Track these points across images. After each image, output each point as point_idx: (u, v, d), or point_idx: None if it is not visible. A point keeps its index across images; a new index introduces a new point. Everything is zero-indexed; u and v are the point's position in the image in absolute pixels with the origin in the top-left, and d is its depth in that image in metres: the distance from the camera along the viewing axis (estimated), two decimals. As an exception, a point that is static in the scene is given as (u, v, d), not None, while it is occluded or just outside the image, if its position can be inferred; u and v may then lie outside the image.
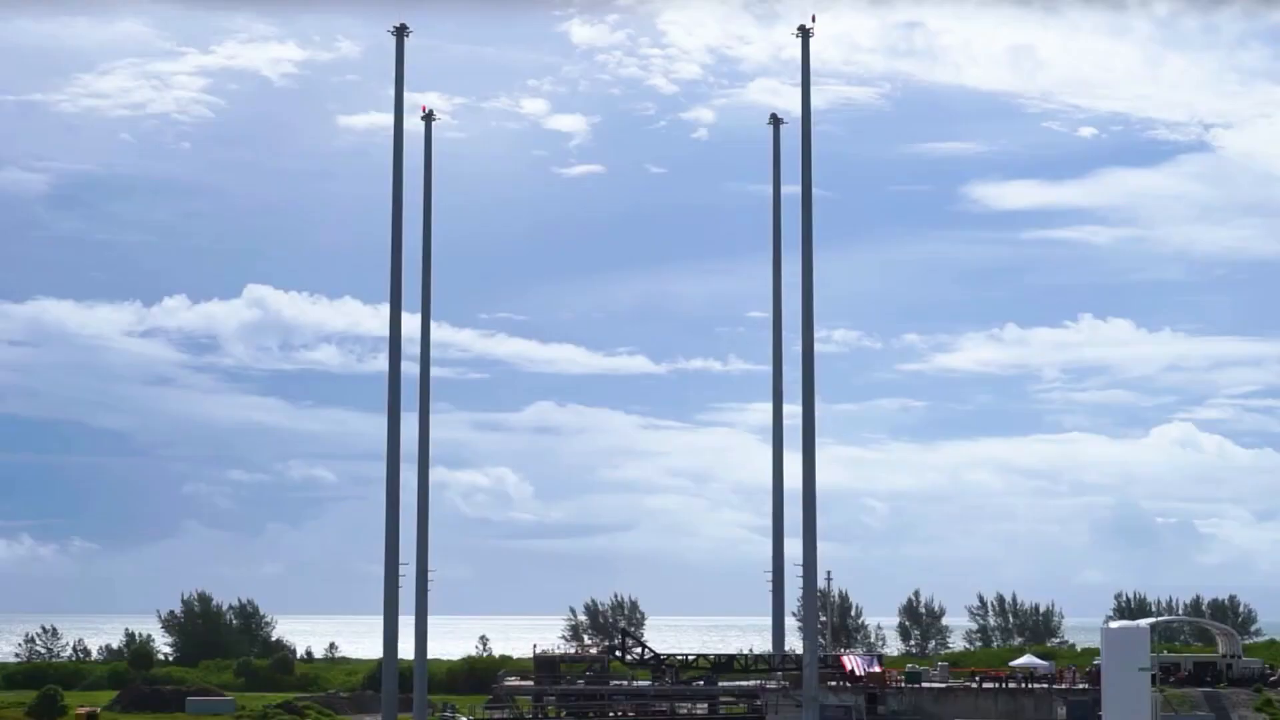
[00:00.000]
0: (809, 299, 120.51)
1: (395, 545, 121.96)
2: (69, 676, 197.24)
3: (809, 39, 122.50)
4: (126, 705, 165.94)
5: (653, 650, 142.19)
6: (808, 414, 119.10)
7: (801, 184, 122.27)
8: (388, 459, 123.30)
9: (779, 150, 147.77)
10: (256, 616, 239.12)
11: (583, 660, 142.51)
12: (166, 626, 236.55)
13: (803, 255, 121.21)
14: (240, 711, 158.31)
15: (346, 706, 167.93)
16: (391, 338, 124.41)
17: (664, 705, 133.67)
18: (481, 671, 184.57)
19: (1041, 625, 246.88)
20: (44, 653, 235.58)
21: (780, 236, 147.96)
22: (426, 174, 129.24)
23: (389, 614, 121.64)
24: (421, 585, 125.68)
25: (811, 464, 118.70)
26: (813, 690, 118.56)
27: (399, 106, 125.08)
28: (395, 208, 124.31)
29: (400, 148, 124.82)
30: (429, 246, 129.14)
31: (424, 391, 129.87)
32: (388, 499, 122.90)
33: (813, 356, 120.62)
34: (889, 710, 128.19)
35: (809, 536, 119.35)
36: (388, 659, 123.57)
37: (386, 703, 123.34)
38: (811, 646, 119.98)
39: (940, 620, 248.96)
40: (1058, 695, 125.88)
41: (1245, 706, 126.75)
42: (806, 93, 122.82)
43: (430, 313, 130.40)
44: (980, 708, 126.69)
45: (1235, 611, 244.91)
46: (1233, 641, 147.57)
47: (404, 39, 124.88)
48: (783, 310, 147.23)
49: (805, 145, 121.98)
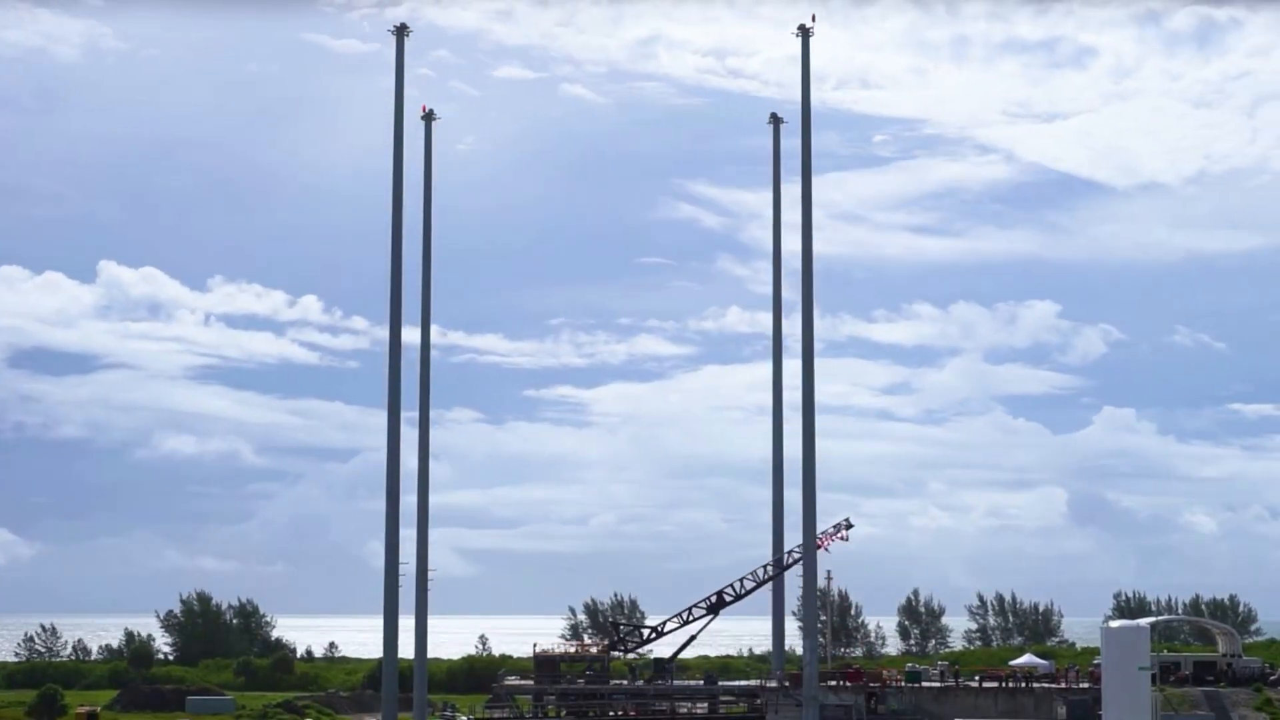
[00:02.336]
0: (809, 299, 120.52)
1: (395, 545, 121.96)
2: (69, 676, 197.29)
3: (809, 39, 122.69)
4: (126, 705, 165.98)
5: (654, 628, 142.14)
6: (808, 415, 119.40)
7: (801, 182, 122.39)
8: (388, 459, 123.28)
9: (779, 150, 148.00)
10: (256, 616, 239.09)
11: (583, 660, 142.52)
12: (166, 626, 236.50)
13: (803, 255, 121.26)
14: (240, 711, 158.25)
15: (346, 706, 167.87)
16: (392, 338, 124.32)
17: (664, 705, 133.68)
18: (481, 671, 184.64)
19: (1041, 625, 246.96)
20: (44, 652, 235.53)
21: (780, 236, 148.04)
22: (426, 174, 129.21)
23: (389, 614, 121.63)
24: (421, 585, 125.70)
25: (811, 465, 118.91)
26: (813, 690, 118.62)
27: (399, 106, 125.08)
28: (395, 208, 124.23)
29: (400, 148, 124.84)
30: (429, 247, 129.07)
31: (424, 391, 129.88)
32: (388, 498, 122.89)
33: (812, 358, 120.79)
34: (889, 709, 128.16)
35: (809, 536, 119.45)
36: (388, 659, 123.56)
37: (386, 703, 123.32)
38: (811, 646, 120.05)
39: (940, 620, 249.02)
40: (1058, 695, 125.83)
41: (1245, 706, 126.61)
42: (806, 93, 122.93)
43: (430, 313, 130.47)
44: (980, 707, 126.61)
45: (1235, 611, 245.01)
46: (1233, 641, 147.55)
47: (404, 39, 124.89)
48: (783, 311, 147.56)
49: (805, 145, 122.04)
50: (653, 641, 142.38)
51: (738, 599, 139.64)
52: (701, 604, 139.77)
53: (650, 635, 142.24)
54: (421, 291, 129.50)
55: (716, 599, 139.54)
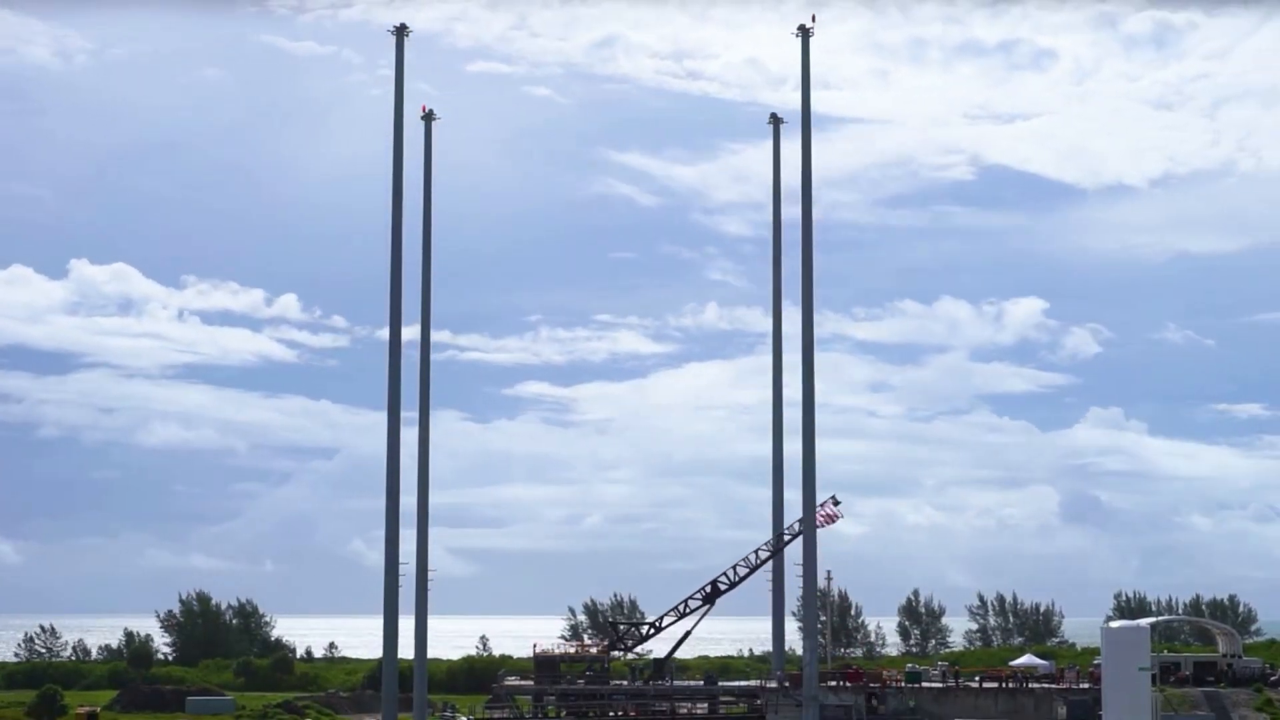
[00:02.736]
0: (809, 299, 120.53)
1: (395, 545, 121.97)
2: (69, 676, 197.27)
3: (809, 39, 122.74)
4: (126, 705, 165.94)
5: (652, 624, 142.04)
6: (807, 415, 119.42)
7: (801, 183, 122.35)
8: (388, 459, 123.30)
9: (779, 149, 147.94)
10: (256, 616, 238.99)
11: (583, 660, 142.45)
12: (166, 626, 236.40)
13: (803, 255, 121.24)
14: (240, 711, 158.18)
15: (346, 706, 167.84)
16: (391, 338, 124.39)
17: (664, 705, 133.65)
18: (481, 671, 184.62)
19: (1042, 625, 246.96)
20: (44, 653, 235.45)
21: (780, 236, 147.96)
22: (426, 173, 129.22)
23: (389, 614, 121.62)
24: (421, 585, 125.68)
25: (811, 464, 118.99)
26: (813, 690, 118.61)
27: (399, 106, 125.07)
28: (395, 208, 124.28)
29: (400, 148, 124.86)
30: (429, 247, 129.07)
31: (424, 391, 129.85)
32: (388, 497, 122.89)
33: (812, 359, 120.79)
34: (890, 709, 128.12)
35: (809, 536, 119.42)
36: (388, 659, 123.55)
37: (386, 703, 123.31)
38: (811, 646, 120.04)
39: (940, 620, 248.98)
40: (1058, 695, 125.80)
41: (1245, 706, 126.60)
42: (806, 93, 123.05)
43: (430, 313, 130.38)
44: (980, 708, 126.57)
45: (1235, 611, 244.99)
46: (1233, 641, 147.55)
47: (404, 39, 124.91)
48: (782, 311, 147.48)
49: (805, 145, 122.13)
50: (652, 638, 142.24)
51: (733, 586, 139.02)
52: (697, 594, 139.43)
53: (649, 632, 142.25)
54: (422, 292, 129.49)
55: (711, 588, 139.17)
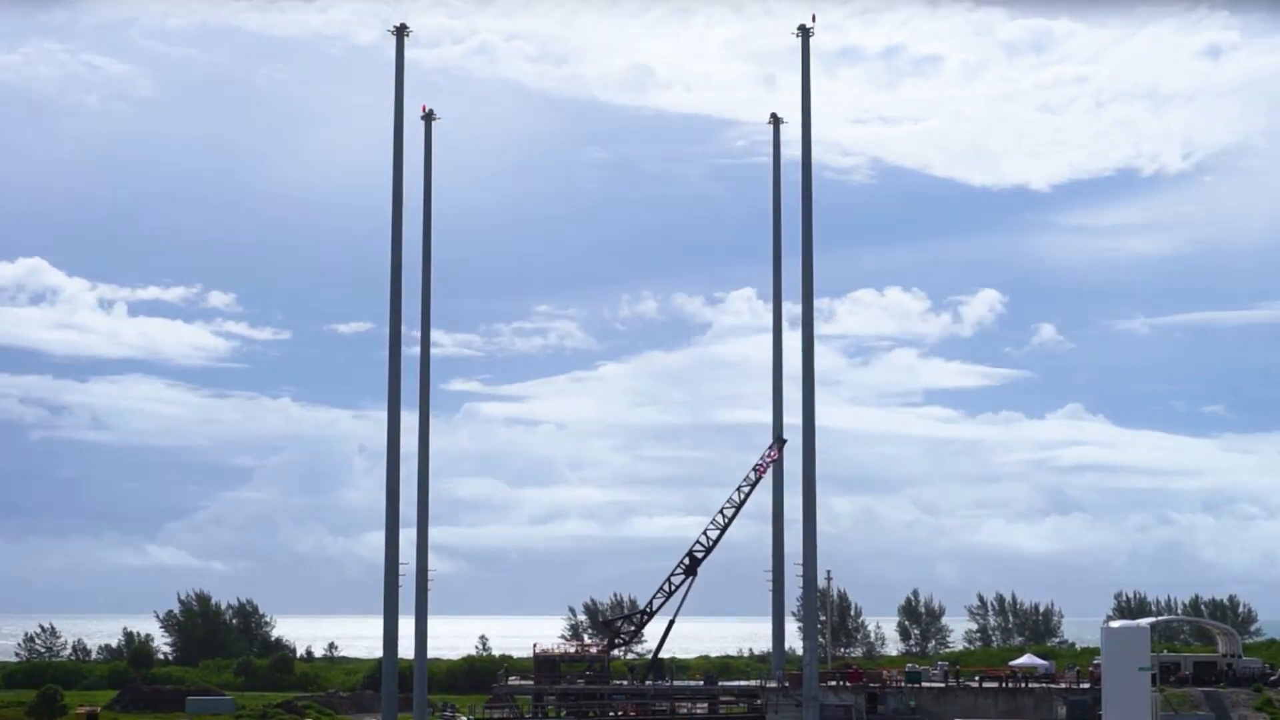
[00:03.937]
0: (809, 300, 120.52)
1: (395, 545, 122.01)
2: (69, 676, 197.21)
3: (809, 39, 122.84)
4: (126, 705, 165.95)
5: (644, 610, 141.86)
6: (808, 416, 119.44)
7: (801, 183, 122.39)
8: (388, 458, 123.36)
9: (779, 149, 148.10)
10: (256, 616, 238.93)
11: (583, 660, 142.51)
12: (166, 626, 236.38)
13: (803, 255, 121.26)
14: (240, 711, 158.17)
15: (346, 706, 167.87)
16: (392, 338, 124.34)
17: (664, 705, 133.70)
18: (481, 671, 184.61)
19: (1041, 625, 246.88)
20: (44, 652, 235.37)
21: (780, 236, 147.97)
22: (426, 173, 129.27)
23: (389, 614, 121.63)
24: (421, 585, 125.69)
25: (811, 465, 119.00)
26: (813, 690, 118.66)
27: (399, 106, 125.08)
28: (395, 207, 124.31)
29: (400, 147, 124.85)
30: (428, 247, 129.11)
31: (424, 392, 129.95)
32: (388, 496, 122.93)
33: (812, 360, 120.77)
34: (890, 709, 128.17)
35: (809, 536, 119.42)
36: (388, 659, 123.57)
37: (386, 703, 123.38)
38: (811, 646, 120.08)
39: (940, 620, 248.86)
40: (1058, 695, 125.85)
41: (1245, 706, 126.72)
42: (807, 93, 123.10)
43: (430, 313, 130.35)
44: (980, 708, 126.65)
45: (1235, 611, 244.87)
46: (1233, 641, 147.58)
47: (404, 39, 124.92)
48: (782, 312, 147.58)
49: (805, 145, 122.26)
50: (646, 624, 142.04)
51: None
52: (678, 569, 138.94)
53: (642, 619, 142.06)
54: (421, 292, 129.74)
55: (690, 559, 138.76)
